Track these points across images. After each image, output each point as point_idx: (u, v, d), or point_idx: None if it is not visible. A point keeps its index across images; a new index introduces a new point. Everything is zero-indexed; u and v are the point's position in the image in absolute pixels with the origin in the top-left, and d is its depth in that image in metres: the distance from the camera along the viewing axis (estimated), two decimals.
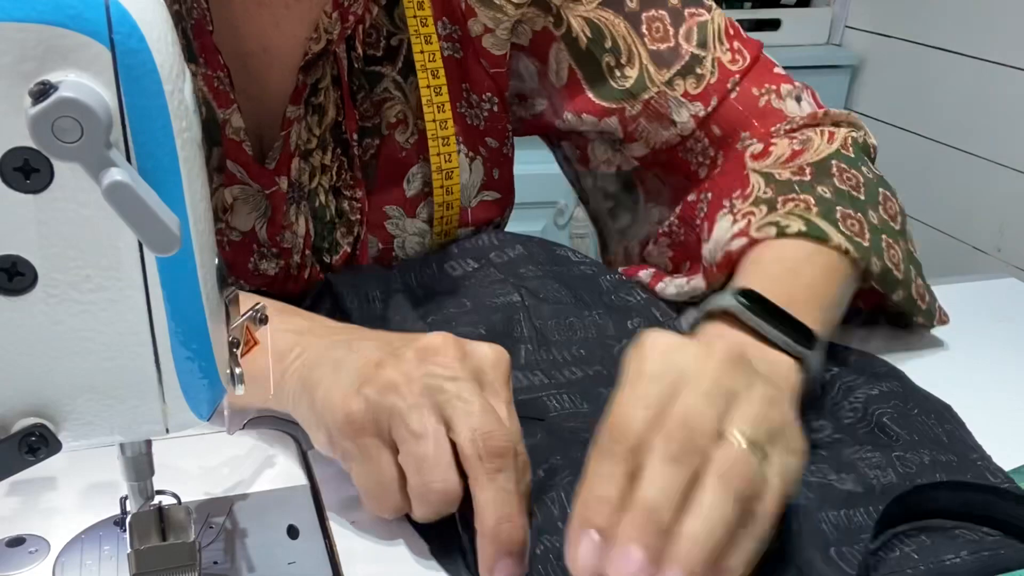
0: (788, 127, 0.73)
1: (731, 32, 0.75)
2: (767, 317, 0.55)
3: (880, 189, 0.68)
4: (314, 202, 0.72)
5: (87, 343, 0.34)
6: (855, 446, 0.56)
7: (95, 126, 0.28)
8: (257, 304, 0.43)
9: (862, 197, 0.66)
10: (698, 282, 0.69)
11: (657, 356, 0.43)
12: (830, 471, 0.53)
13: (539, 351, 0.64)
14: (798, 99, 0.75)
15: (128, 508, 0.41)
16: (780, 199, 0.65)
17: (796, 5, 1.98)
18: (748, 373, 0.44)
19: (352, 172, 0.72)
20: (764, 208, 0.64)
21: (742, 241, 0.64)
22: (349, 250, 0.73)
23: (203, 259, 0.35)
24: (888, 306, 0.69)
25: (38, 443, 0.35)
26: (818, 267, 0.61)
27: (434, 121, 0.72)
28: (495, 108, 0.76)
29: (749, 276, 0.60)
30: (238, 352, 0.40)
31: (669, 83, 0.72)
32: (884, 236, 0.65)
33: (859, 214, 0.64)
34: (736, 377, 0.43)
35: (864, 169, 0.69)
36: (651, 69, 0.72)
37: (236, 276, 0.72)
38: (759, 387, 0.43)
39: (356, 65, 0.70)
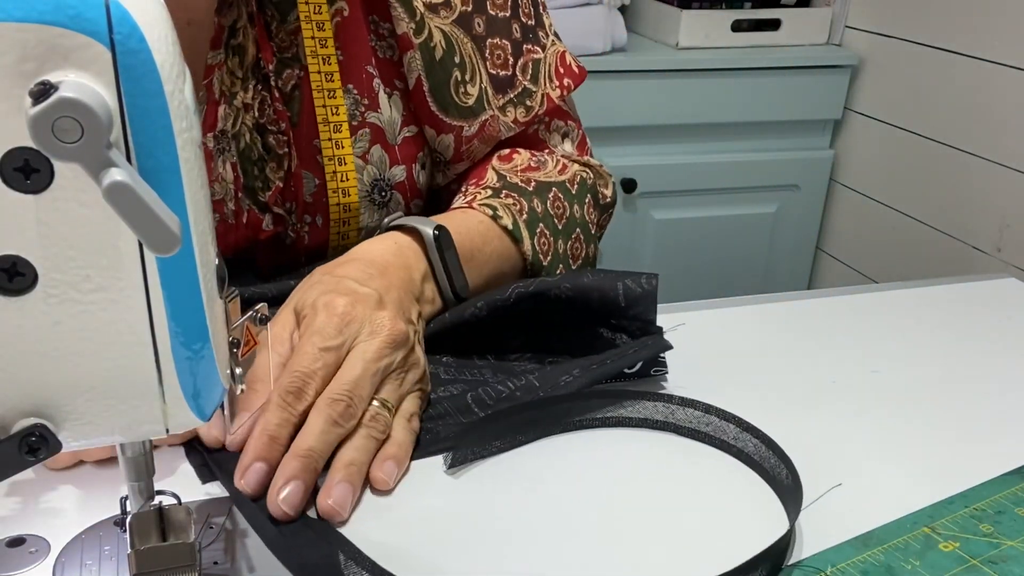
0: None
1: (561, 70, 0.81)
2: (443, 257, 0.66)
3: (577, 229, 0.79)
4: (239, 143, 0.71)
5: (87, 343, 0.34)
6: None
7: (95, 126, 0.28)
8: (257, 305, 0.44)
9: (560, 227, 0.77)
10: None
11: (335, 323, 0.54)
12: (489, 372, 0.64)
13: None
14: (564, 135, 0.84)
15: (128, 508, 0.41)
16: (504, 192, 0.75)
17: (796, 5, 1.98)
18: (398, 355, 0.56)
19: (274, 105, 0.71)
20: (489, 191, 0.75)
21: (464, 205, 0.74)
22: (281, 185, 0.73)
23: (203, 259, 0.35)
24: None
25: (38, 443, 0.35)
26: (500, 253, 0.72)
27: (319, 73, 0.72)
28: None
29: (454, 219, 0.70)
30: (238, 352, 0.40)
31: (502, 108, 0.78)
32: (560, 266, 0.76)
33: (552, 238, 0.76)
34: (393, 357, 0.55)
35: (575, 207, 0.79)
36: (489, 92, 0.77)
37: None
38: (405, 374, 0.56)
39: None
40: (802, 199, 2.06)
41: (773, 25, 1.94)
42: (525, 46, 0.79)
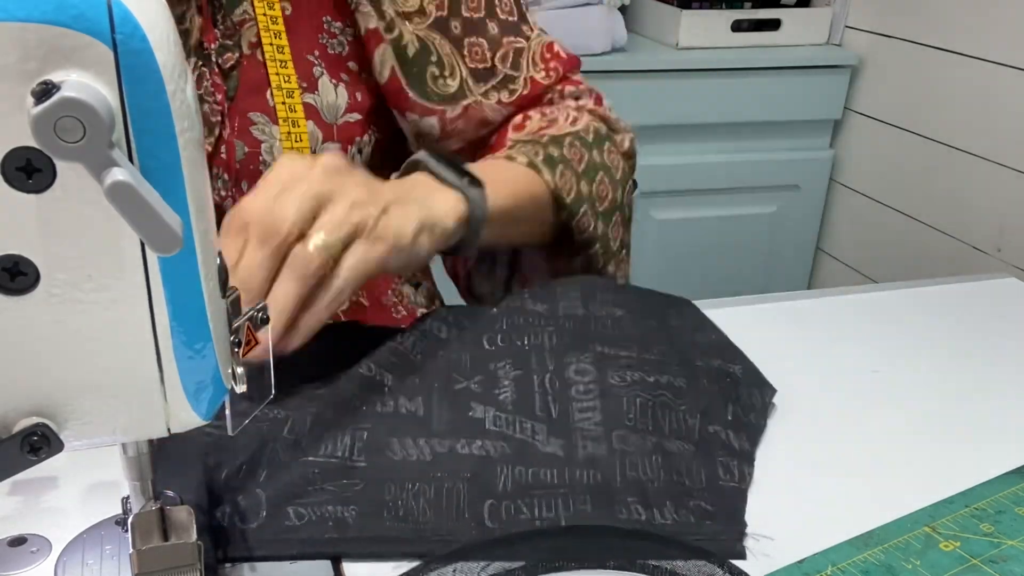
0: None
1: (547, 56, 0.84)
2: (444, 163, 0.66)
3: (600, 172, 0.79)
4: None
5: (89, 343, 0.34)
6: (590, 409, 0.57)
7: (97, 126, 0.28)
8: (258, 304, 0.44)
9: (580, 169, 0.77)
10: None
11: (283, 164, 0.56)
12: (543, 432, 0.55)
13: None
14: (577, 98, 0.85)
15: (130, 508, 0.41)
16: (516, 147, 0.76)
17: (796, 5, 1.98)
18: (345, 177, 0.56)
19: (212, 79, 0.75)
20: (503, 153, 0.76)
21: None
22: (210, 149, 0.75)
23: (205, 259, 0.35)
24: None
25: (40, 443, 0.35)
26: (525, 179, 0.72)
27: (271, 44, 0.76)
28: (356, 35, 0.80)
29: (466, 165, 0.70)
30: (239, 352, 0.40)
31: (485, 94, 0.81)
32: (586, 205, 0.76)
33: (574, 179, 0.76)
34: (332, 182, 0.55)
35: (595, 152, 0.79)
36: (470, 82, 0.81)
37: None
38: (351, 191, 0.55)
39: None
40: (802, 199, 2.06)
41: (773, 25, 1.94)
42: (505, 39, 0.82)
